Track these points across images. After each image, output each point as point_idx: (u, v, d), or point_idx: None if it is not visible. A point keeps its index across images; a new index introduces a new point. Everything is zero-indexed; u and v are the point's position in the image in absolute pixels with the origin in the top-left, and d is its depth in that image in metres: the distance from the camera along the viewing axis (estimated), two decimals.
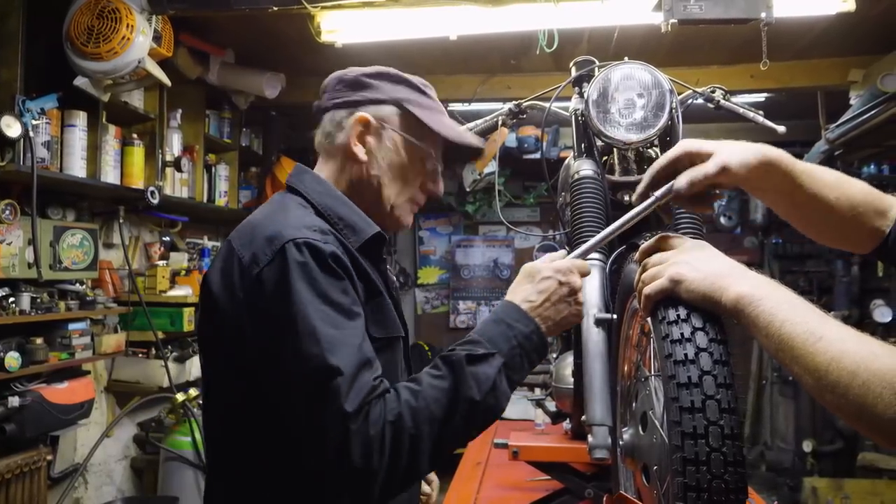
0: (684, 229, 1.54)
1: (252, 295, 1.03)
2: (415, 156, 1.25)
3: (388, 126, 1.23)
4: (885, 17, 3.03)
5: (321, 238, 1.06)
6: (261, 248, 1.04)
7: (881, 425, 0.76)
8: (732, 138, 3.84)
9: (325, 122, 1.25)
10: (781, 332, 0.86)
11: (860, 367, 0.78)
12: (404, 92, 1.25)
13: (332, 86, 1.27)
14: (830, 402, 0.81)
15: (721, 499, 0.94)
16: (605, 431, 1.35)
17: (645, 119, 1.61)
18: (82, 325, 2.92)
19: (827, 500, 4.41)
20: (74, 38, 2.49)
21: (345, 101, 1.24)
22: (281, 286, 1.01)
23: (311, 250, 1.03)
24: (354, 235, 1.17)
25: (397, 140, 1.24)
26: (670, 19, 1.97)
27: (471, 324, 6.94)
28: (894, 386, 0.75)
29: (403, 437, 0.98)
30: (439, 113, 1.28)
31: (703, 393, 0.97)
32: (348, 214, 1.19)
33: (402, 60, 3.77)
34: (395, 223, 1.28)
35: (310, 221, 1.11)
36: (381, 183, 1.23)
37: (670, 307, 1.03)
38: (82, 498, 3.30)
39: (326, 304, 1.01)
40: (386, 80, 1.26)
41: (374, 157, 1.22)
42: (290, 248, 1.02)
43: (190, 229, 4.09)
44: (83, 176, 2.84)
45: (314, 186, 1.21)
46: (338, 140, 1.23)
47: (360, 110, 1.22)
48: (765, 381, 6.14)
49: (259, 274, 1.02)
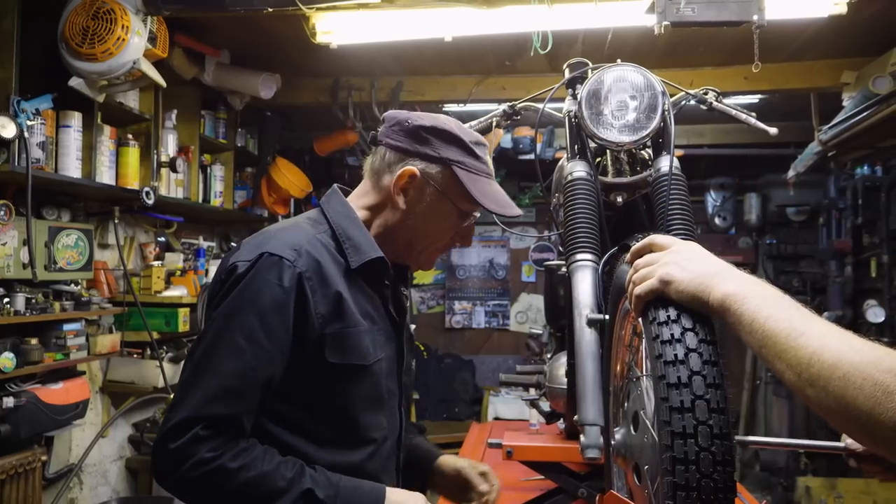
0: (676, 231, 1.55)
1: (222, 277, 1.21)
2: (452, 214, 1.32)
3: (432, 183, 1.29)
4: (877, 20, 3.05)
5: (293, 258, 1.18)
6: (247, 251, 1.21)
7: (860, 419, 0.77)
8: (727, 139, 3.88)
9: (377, 156, 1.33)
10: (765, 328, 0.87)
11: (841, 361, 0.78)
12: (456, 153, 1.30)
13: (389, 123, 1.32)
14: (811, 396, 0.81)
15: (710, 498, 0.95)
16: (597, 431, 1.36)
17: (637, 121, 1.62)
18: (77, 326, 2.92)
19: (820, 500, 4.43)
20: (69, 39, 2.49)
21: (398, 146, 1.30)
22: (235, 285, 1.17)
23: (278, 268, 1.16)
24: (356, 256, 1.27)
25: (438, 199, 1.30)
26: (663, 21, 1.98)
27: (466, 324, 6.96)
28: (874, 379, 0.75)
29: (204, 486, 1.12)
30: (485, 177, 1.33)
31: (692, 393, 0.98)
32: (356, 236, 1.28)
33: (397, 61, 3.79)
34: (418, 265, 1.40)
35: (300, 239, 1.22)
36: (413, 232, 1.32)
37: (660, 308, 1.04)
38: (77, 498, 3.30)
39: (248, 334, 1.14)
40: (441, 139, 1.30)
41: (412, 208, 1.30)
42: (263, 259, 1.17)
43: (185, 230, 4.09)
44: (78, 176, 2.84)
45: (336, 207, 1.32)
46: (383, 181, 1.31)
47: (409, 162, 1.29)
48: (759, 381, 6.17)
49: (234, 265, 1.19)
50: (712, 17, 1.95)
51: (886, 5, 2.90)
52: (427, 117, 1.32)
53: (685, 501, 0.96)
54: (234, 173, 4.28)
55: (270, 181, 4.33)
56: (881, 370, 0.76)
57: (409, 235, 1.32)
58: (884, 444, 0.79)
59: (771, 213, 6.15)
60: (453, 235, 1.36)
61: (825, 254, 5.68)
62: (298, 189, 4.40)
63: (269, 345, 1.15)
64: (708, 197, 6.35)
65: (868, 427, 0.77)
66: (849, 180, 5.28)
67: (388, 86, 4.06)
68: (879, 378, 0.76)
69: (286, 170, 4.35)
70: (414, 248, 1.34)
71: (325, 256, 1.22)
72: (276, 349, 1.16)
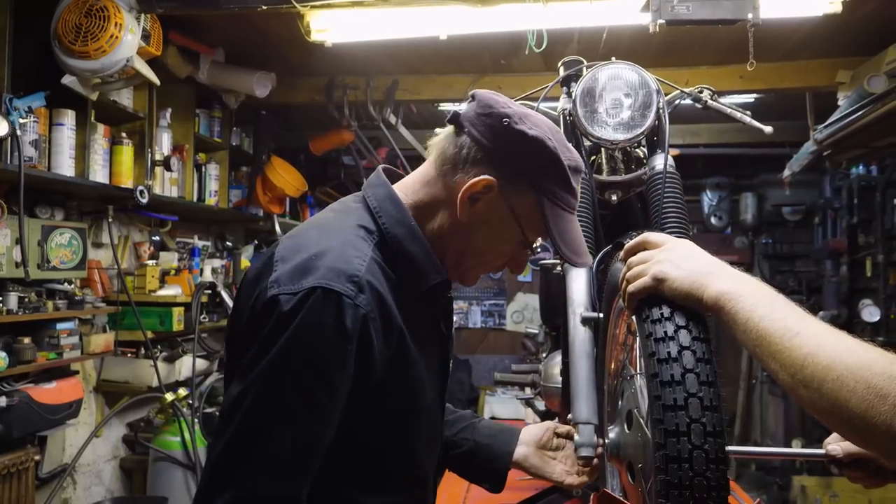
0: (671, 229, 1.55)
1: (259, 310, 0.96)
2: (515, 241, 1.11)
3: (507, 202, 1.06)
4: (872, 19, 3.05)
5: (354, 294, 0.94)
6: (289, 274, 0.95)
7: (853, 421, 0.76)
8: (723, 139, 3.87)
9: (453, 144, 1.07)
10: (759, 327, 0.86)
11: (835, 362, 0.78)
12: (550, 180, 1.06)
13: (480, 108, 1.06)
14: (805, 397, 0.81)
15: (703, 496, 0.94)
16: (590, 430, 1.36)
17: (632, 119, 1.62)
18: (70, 325, 2.91)
19: (815, 499, 4.44)
20: (62, 37, 2.48)
21: (485, 144, 1.05)
22: (283, 329, 0.92)
23: (336, 309, 0.93)
24: (417, 279, 1.06)
25: (507, 220, 1.08)
26: (658, 20, 1.98)
27: (462, 323, 6.96)
28: (868, 382, 0.75)
29: None
30: (569, 213, 1.10)
31: (685, 390, 0.97)
32: (416, 252, 1.06)
33: (392, 60, 3.79)
34: (459, 279, 1.16)
35: (356, 265, 0.97)
36: (466, 246, 1.10)
37: (654, 305, 1.03)
38: (71, 498, 3.29)
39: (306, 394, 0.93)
40: (540, 158, 1.05)
41: (474, 221, 1.07)
42: (315, 297, 0.92)
43: (180, 229, 4.08)
44: (71, 175, 2.83)
45: (389, 209, 1.07)
46: (454, 177, 1.06)
47: (492, 169, 1.04)
48: (755, 380, 6.18)
49: (275, 297, 0.94)
50: (707, 15, 1.95)
51: (881, 4, 2.91)
52: (531, 121, 1.06)
53: (678, 500, 0.95)
54: (230, 172, 4.26)
55: (266, 180, 4.32)
56: (874, 373, 0.76)
57: (460, 248, 1.10)
58: (877, 447, 0.79)
59: (767, 212, 6.16)
60: (507, 260, 1.15)
61: (821, 253, 5.69)
62: (294, 188, 4.39)
63: (330, 405, 0.94)
64: (704, 196, 6.36)
65: (861, 429, 0.77)
66: (844, 180, 5.29)
67: (384, 84, 4.06)
68: (873, 381, 0.75)
69: (281, 169, 4.34)
70: (462, 263, 1.12)
71: (384, 284, 1.00)
72: (337, 408, 0.96)
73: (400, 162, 4.56)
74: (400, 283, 1.04)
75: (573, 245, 1.11)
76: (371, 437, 1.03)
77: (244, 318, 1.00)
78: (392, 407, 1.04)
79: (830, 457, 1.09)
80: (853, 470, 1.10)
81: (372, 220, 1.07)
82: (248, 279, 1.04)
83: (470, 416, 1.44)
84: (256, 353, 0.94)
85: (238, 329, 1.03)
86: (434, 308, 1.13)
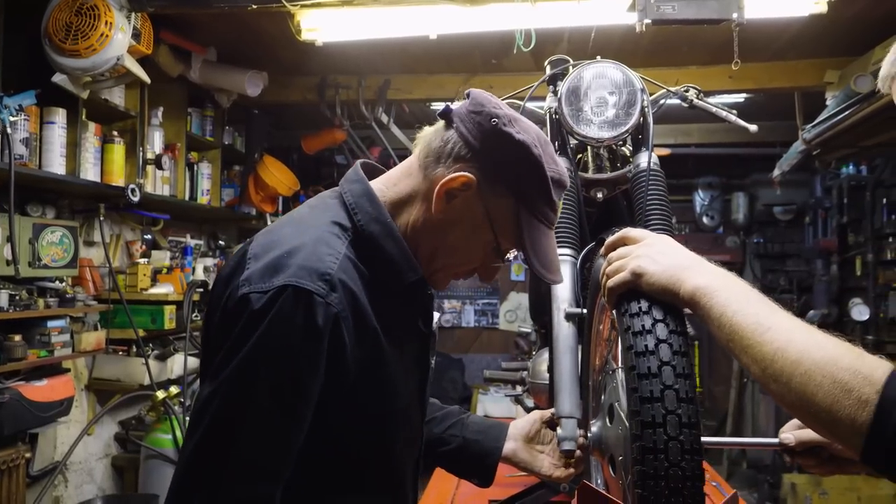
0: (654, 226, 1.56)
1: (231, 309, 0.95)
2: (487, 246, 1.08)
3: (484, 204, 1.04)
4: (859, 20, 3.08)
5: (325, 293, 0.93)
6: (260, 272, 0.94)
7: (820, 415, 0.79)
8: (714, 139, 3.90)
9: (440, 137, 1.07)
10: (733, 322, 0.88)
11: (803, 357, 0.80)
12: (531, 188, 1.04)
13: (472, 106, 1.06)
14: (775, 391, 0.83)
15: (678, 486, 0.96)
16: (573, 424, 1.37)
17: (617, 117, 1.64)
18: (61, 323, 2.91)
19: (805, 496, 4.47)
20: (53, 35, 2.49)
21: (471, 142, 1.03)
22: (252, 328, 0.91)
23: (307, 308, 0.91)
24: (393, 278, 1.05)
25: (481, 222, 1.06)
26: (644, 19, 2.00)
27: (455, 323, 6.98)
28: (835, 377, 0.77)
29: None
30: (546, 227, 1.08)
31: (661, 383, 0.99)
32: (394, 252, 1.04)
33: (384, 60, 3.80)
34: (430, 281, 1.12)
35: (328, 263, 0.96)
36: (438, 245, 1.08)
37: (632, 300, 1.05)
38: (62, 496, 3.29)
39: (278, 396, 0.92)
40: (524, 163, 1.03)
41: (448, 218, 1.05)
42: (285, 295, 0.91)
43: (172, 228, 4.08)
44: (62, 173, 2.83)
45: (364, 206, 1.05)
46: (434, 170, 1.05)
47: (473, 167, 1.03)
48: (746, 379, 6.21)
49: (245, 296, 0.93)
50: (692, 14, 1.97)
51: (868, 5, 2.93)
52: (520, 126, 1.05)
53: (654, 490, 0.97)
54: (222, 171, 4.27)
55: (258, 179, 4.32)
56: (841, 367, 0.78)
57: (433, 246, 1.08)
58: (843, 440, 0.81)
59: (758, 212, 6.20)
60: (478, 266, 1.13)
61: (811, 253, 5.73)
62: (286, 187, 4.40)
63: (301, 405, 0.94)
64: (696, 196, 6.40)
65: (828, 423, 0.79)
66: (834, 180, 5.33)
67: (376, 84, 4.07)
68: (839, 375, 0.77)
69: (274, 168, 4.34)
70: (434, 262, 1.10)
71: (357, 282, 0.99)
72: (308, 408, 0.95)
73: (392, 161, 4.55)
74: (375, 281, 1.02)
75: (545, 260, 1.08)
76: (345, 438, 1.02)
77: (217, 316, 0.99)
78: (366, 408, 1.03)
79: (784, 446, 1.12)
80: (806, 458, 1.13)
81: (347, 216, 1.05)
82: (222, 277, 1.02)
83: (458, 412, 1.45)
84: (227, 354, 0.93)
85: (212, 328, 1.02)
86: (412, 306, 1.11)
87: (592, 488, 1.16)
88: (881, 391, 0.76)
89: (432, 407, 1.42)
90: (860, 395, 0.77)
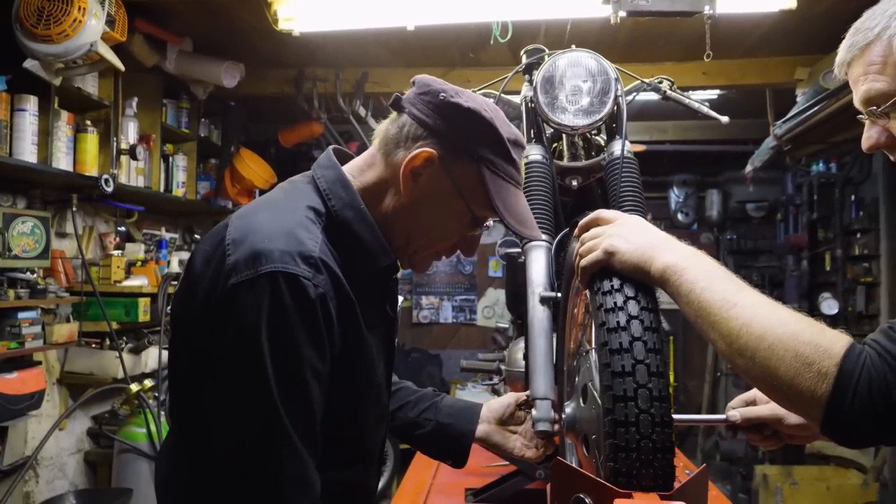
0: (628, 210, 1.58)
1: (221, 301, 0.96)
2: (462, 217, 1.11)
3: (450, 175, 1.07)
4: (829, 16, 3.14)
5: (311, 275, 0.95)
6: (245, 260, 0.95)
7: (782, 388, 0.81)
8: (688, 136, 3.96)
9: (395, 124, 1.10)
10: (701, 299, 0.91)
11: (767, 332, 0.83)
12: (489, 150, 1.08)
13: (420, 89, 1.10)
14: (741, 365, 0.86)
15: (649, 458, 0.98)
16: (547, 405, 1.39)
17: (591, 105, 1.66)
18: (32, 314, 2.87)
19: (777, 487, 4.55)
20: (24, 20, 2.45)
21: (423, 119, 1.07)
22: (253, 328, 0.93)
23: (296, 291, 0.94)
24: (366, 263, 1.08)
25: (451, 195, 1.08)
26: (619, 11, 2.03)
27: (433, 319, 6.98)
28: (797, 351, 0.80)
29: None
30: (513, 185, 1.12)
31: (633, 358, 1.01)
32: (365, 235, 1.07)
33: (362, 53, 3.79)
34: (409, 264, 1.17)
35: (309, 246, 0.98)
36: (413, 226, 1.11)
37: (605, 278, 1.07)
38: (33, 491, 3.24)
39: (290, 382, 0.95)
40: (476, 127, 1.07)
41: (418, 198, 1.08)
42: (273, 281, 0.93)
43: (147, 220, 4.03)
44: (34, 161, 2.79)
45: (338, 192, 1.08)
46: (396, 155, 1.08)
47: (432, 143, 1.06)
48: (719, 373, 6.31)
49: (235, 287, 0.94)
50: (665, 7, 2.00)
51: (838, 1, 2.99)
52: (466, 96, 1.08)
53: (625, 462, 0.99)
54: (198, 164, 4.23)
55: (234, 172, 4.29)
56: (802, 342, 0.81)
57: (407, 228, 1.11)
58: (804, 411, 0.84)
59: (732, 208, 6.30)
60: (457, 241, 1.16)
61: (782, 248, 5.83)
62: (263, 180, 4.37)
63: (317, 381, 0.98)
64: (671, 193, 6.48)
65: (790, 395, 0.82)
66: (805, 177, 5.43)
67: (353, 77, 4.06)
68: (800, 349, 0.81)
69: (250, 161, 4.32)
70: (410, 244, 1.13)
71: (336, 265, 1.02)
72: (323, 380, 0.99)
73: None
74: (346, 265, 1.04)
75: (518, 216, 1.11)
76: (325, 413, 1.03)
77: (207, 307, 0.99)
78: (347, 383, 1.05)
79: (730, 423, 1.18)
80: (751, 433, 1.19)
81: (321, 202, 1.07)
82: (198, 263, 1.03)
83: (432, 395, 1.46)
84: (234, 350, 0.95)
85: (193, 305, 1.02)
86: (381, 291, 1.15)
87: (566, 464, 1.18)
88: (839, 364, 0.79)
89: (406, 391, 1.45)
90: (820, 367, 0.80)
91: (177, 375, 1.11)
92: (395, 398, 1.40)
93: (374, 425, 1.17)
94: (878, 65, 0.91)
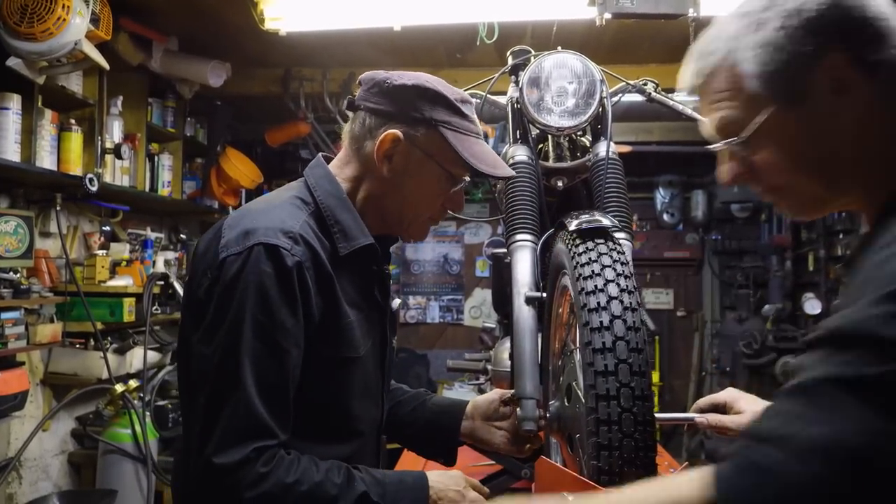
0: (612, 211, 1.59)
1: (214, 273, 1.10)
2: (441, 179, 1.23)
3: (418, 147, 1.19)
4: None
5: (290, 246, 1.09)
6: (235, 238, 1.10)
7: None
8: (673, 137, 3.98)
9: (356, 122, 1.23)
10: None
11: None
12: (441, 112, 1.20)
13: (367, 85, 1.22)
14: None
15: (631, 456, 0.99)
16: (533, 404, 1.40)
17: (576, 106, 1.67)
18: (15, 315, 2.84)
19: None
20: (7, 17, 2.42)
21: (378, 109, 1.20)
22: (233, 287, 1.07)
23: (275, 259, 1.07)
24: (346, 242, 1.18)
25: (425, 163, 1.21)
26: (604, 13, 2.04)
27: (420, 319, 6.98)
28: None
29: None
30: (474, 137, 1.23)
31: (616, 357, 1.02)
32: (346, 220, 1.20)
33: (349, 53, 3.79)
34: (409, 237, 1.32)
35: (290, 224, 1.12)
36: (401, 201, 1.23)
37: (588, 278, 1.08)
38: (16, 493, 3.21)
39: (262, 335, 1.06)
40: (424, 98, 1.19)
41: (398, 176, 1.21)
42: (256, 251, 1.07)
43: (132, 220, 4.00)
44: (17, 160, 2.77)
45: (324, 185, 1.22)
46: (365, 148, 1.21)
47: (392, 125, 1.19)
48: (704, 373, 6.35)
49: (224, 260, 1.09)
50: (650, 9, 2.01)
51: None
52: (408, 76, 1.21)
53: (608, 461, 1.00)
54: (184, 163, 4.20)
55: (220, 172, 4.27)
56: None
57: (397, 205, 1.24)
58: None
59: (716, 209, 6.34)
60: (444, 202, 1.27)
61: (766, 249, 5.89)
62: (249, 180, 4.35)
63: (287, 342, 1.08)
64: (657, 194, 6.51)
65: None
66: None
67: (341, 77, 4.05)
68: None
69: (237, 160, 4.30)
70: (404, 218, 1.26)
71: (316, 243, 1.13)
72: (294, 343, 1.09)
73: None
74: (331, 246, 1.17)
75: (487, 161, 1.22)
76: (305, 382, 1.12)
77: (202, 283, 1.11)
78: (325, 353, 1.14)
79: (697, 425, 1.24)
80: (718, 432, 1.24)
81: (309, 193, 1.22)
82: (201, 249, 1.17)
83: (422, 394, 1.51)
84: (216, 313, 1.08)
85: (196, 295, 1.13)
86: (367, 277, 1.24)
87: (550, 463, 1.19)
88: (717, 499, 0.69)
89: (399, 391, 1.49)
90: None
91: (185, 370, 1.17)
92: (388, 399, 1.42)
93: (360, 402, 1.23)
94: (726, 91, 0.86)
